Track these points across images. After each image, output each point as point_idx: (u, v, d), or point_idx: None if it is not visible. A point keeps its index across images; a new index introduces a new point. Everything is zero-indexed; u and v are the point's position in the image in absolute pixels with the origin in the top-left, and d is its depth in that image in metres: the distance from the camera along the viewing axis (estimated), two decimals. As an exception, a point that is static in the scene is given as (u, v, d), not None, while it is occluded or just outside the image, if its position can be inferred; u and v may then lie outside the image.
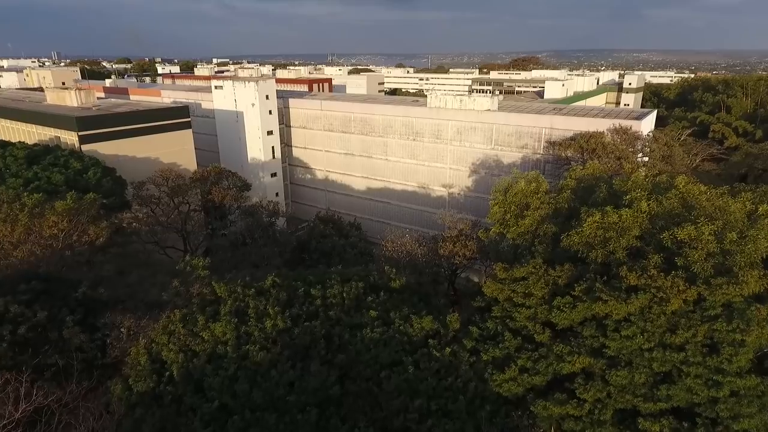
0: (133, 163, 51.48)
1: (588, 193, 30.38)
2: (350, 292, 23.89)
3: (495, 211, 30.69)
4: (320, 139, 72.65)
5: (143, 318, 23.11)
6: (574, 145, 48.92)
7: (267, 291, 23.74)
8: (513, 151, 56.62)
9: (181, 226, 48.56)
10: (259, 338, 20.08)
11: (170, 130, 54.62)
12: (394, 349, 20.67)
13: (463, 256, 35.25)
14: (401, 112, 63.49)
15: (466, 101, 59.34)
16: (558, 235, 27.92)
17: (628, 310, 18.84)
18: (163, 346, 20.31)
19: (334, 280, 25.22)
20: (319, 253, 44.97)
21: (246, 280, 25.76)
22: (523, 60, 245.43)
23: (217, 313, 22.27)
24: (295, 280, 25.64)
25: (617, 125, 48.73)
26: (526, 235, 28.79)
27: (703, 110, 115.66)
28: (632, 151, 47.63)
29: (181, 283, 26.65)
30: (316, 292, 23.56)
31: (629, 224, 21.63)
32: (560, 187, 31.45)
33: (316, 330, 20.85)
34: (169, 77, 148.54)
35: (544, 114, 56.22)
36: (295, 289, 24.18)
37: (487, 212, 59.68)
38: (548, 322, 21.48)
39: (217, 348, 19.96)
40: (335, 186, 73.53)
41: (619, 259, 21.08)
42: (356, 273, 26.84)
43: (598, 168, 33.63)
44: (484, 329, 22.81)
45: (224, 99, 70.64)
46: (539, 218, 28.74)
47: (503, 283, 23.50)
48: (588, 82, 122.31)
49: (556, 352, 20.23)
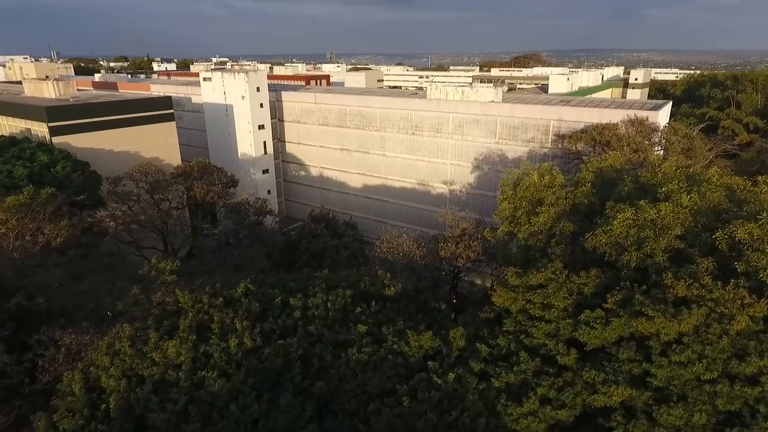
0: (110, 158, 47.81)
1: (609, 186, 26.69)
2: (336, 302, 20.20)
3: (503, 207, 26.97)
4: (315, 134, 68.91)
5: (88, 333, 19.41)
6: (585, 137, 45.25)
7: (237, 301, 20.05)
8: (518, 145, 52.91)
9: (162, 225, 44.93)
10: (219, 361, 16.44)
11: (152, 123, 50.93)
12: (386, 373, 17.01)
13: (467, 258, 31.60)
14: (399, 104, 59.80)
15: (468, 92, 55.63)
16: (577, 234, 24.26)
17: (679, 329, 15.11)
18: (103, 371, 16.66)
19: (318, 287, 21.55)
20: (310, 255, 41.37)
21: (216, 287, 22.07)
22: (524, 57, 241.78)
23: (176, 328, 18.60)
24: (272, 287, 21.96)
25: (633, 116, 45.05)
26: (540, 235, 25.10)
27: (712, 106, 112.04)
28: (649, 143, 43.99)
29: (141, 291, 22.97)
30: (296, 302, 19.87)
31: (669, 221, 17.93)
32: (576, 181, 27.72)
33: (291, 350, 17.20)
34: (164, 74, 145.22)
35: (552, 105, 52.54)
36: (271, 298, 20.50)
37: (490, 210, 55.96)
38: (573, 340, 17.77)
39: (167, 373, 16.30)
40: (330, 183, 69.81)
41: (658, 263, 17.38)
42: (345, 278, 23.15)
43: (619, 159, 29.92)
44: (494, 347, 19.10)
45: (213, 92, 66.88)
46: (555, 215, 25.07)
47: (516, 292, 19.81)
48: (593, 77, 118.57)
49: (585, 379, 16.50)
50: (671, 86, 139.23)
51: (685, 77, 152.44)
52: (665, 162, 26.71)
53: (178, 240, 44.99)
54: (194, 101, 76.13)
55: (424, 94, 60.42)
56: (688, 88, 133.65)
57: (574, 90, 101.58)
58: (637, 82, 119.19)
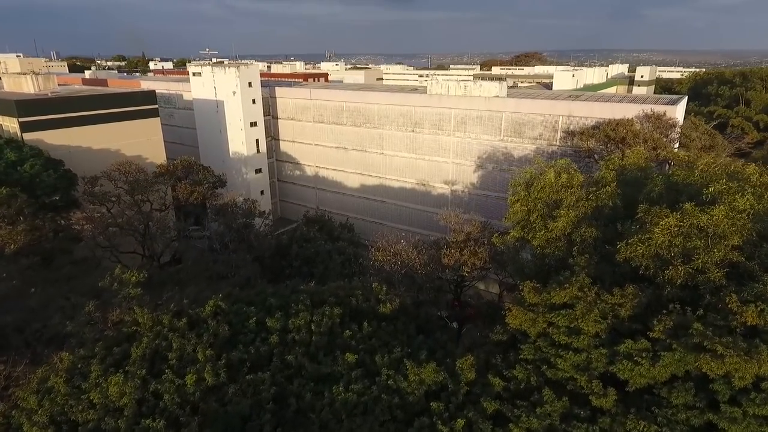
0: (88, 156, 44.61)
1: (634, 187, 23.51)
2: (322, 323, 16.99)
3: (515, 210, 23.76)
4: (310, 131, 65.66)
5: (23, 362, 16.24)
6: (598, 134, 42.05)
7: (204, 322, 16.84)
8: (525, 143, 49.72)
9: (144, 229, 41.71)
10: (170, 404, 13.28)
11: (134, 118, 47.72)
12: (380, 418, 13.82)
13: (472, 266, 28.38)
14: (399, 100, 56.58)
15: (471, 87, 52.41)
16: (600, 242, 21.05)
17: (758, 371, 11.94)
18: (25, 417, 13.47)
19: (302, 303, 18.33)
20: (301, 260, 38.19)
21: (184, 303, 18.87)
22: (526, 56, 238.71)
23: (127, 356, 15.40)
24: (249, 304, 18.73)
25: (649, 111, 41.86)
26: (558, 243, 21.89)
27: (720, 104, 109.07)
28: (667, 140, 40.81)
29: (98, 307, 19.76)
30: (274, 323, 16.67)
31: (725, 229, 14.73)
32: (596, 181, 24.51)
33: (263, 387, 14.03)
34: (160, 72, 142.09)
35: (561, 100, 49.34)
36: (246, 318, 17.29)
37: (494, 212, 52.68)
38: (610, 374, 14.59)
39: (104, 420, 13.12)
40: (326, 183, 66.57)
41: (713, 280, 14.19)
42: (334, 292, 19.95)
43: (644, 155, 26.71)
44: (510, 379, 15.89)
45: (203, 87, 63.67)
46: (575, 220, 21.89)
47: (535, 312, 16.58)
48: (598, 74, 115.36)
49: (629, 429, 13.29)
50: (677, 84, 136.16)
51: (691, 75, 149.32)
52: (701, 159, 23.54)
53: (159, 244, 41.73)
54: (186, 98, 72.91)
55: (425, 90, 57.22)
56: (694, 86, 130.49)
57: (579, 87, 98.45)
58: (643, 79, 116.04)
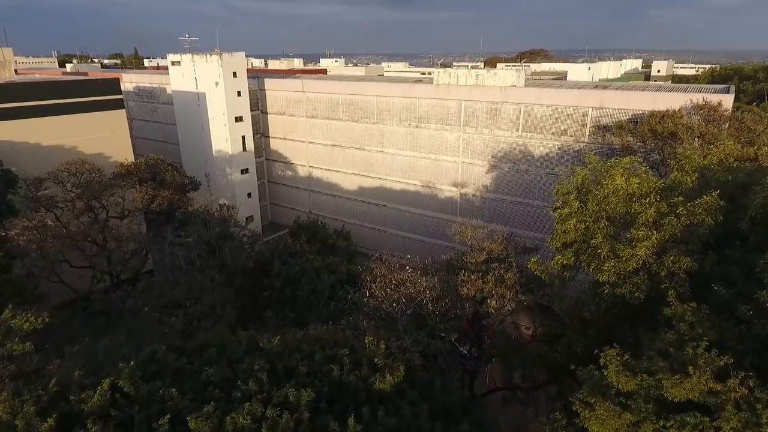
0: (36, 153, 38.03)
1: (734, 195, 16.81)
2: (279, 424, 10.31)
3: (568, 227, 16.96)
4: (302, 127, 59.02)
5: None
6: (640, 128, 35.39)
7: (87, 417, 10.17)
8: (547, 139, 43.04)
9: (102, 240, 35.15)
10: None
11: (94, 110, 41.08)
12: None
13: (500, 298, 21.68)
14: (401, 92, 49.97)
15: (484, 76, 45.77)
16: (701, 278, 14.61)
17: None
18: None
19: (256, 378, 11.64)
20: (284, 280, 31.60)
21: (75, 379, 12.26)
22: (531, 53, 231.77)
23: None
24: (175, 374, 12.03)
25: (701, 101, 35.17)
26: (636, 278, 15.21)
27: (743, 101, 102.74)
28: (718, 133, 34.15)
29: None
30: (198, 427, 10.02)
31: None
32: (672, 185, 17.72)
33: None
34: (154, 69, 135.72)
35: (589, 89, 42.69)
36: (156, 413, 10.59)
37: (509, 219, 45.46)
38: None
39: None
40: (320, 185, 59.93)
41: None
42: (308, 353, 13.26)
43: (734, 152, 19.97)
44: None
45: (183, 78, 57.08)
46: (657, 245, 15.23)
47: (636, 411, 9.89)
48: (612, 68, 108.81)
49: None
50: (693, 80, 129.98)
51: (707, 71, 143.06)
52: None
53: (117, 260, 35.05)
54: (168, 92, 66.35)
55: (431, 80, 50.60)
56: (711, 82, 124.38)
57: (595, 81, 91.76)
58: (660, 74, 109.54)
